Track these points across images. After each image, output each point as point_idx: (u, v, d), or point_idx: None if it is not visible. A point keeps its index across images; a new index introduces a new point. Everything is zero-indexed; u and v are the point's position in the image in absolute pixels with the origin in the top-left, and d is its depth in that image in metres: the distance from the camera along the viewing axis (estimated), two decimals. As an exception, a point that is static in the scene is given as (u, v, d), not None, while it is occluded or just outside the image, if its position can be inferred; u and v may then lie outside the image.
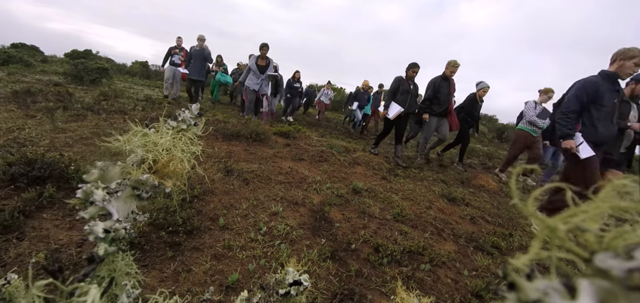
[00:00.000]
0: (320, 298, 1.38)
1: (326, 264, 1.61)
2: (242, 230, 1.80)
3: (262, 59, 5.58)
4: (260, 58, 5.58)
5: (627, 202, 0.23)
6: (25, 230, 1.45)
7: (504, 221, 2.79)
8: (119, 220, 0.55)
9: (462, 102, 5.00)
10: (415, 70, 4.27)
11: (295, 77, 7.80)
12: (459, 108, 4.96)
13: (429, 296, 1.19)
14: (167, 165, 0.64)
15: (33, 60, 10.19)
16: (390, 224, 2.23)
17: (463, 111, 4.87)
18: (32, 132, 2.78)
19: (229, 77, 8.29)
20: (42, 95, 4.46)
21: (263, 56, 5.54)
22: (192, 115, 0.72)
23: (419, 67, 4.24)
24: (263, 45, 5.45)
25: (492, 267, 1.93)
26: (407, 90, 4.25)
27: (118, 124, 3.58)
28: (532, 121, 4.18)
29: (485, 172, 5.07)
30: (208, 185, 2.26)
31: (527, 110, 4.27)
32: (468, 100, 4.90)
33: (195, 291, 1.29)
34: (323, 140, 5.23)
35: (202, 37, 6.33)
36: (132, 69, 15.58)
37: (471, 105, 4.85)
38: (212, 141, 3.55)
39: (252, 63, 5.49)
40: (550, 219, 0.24)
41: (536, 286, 0.21)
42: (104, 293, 0.54)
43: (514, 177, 0.26)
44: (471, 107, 4.84)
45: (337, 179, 3.06)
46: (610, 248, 0.22)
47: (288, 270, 0.73)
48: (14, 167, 1.79)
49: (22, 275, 0.61)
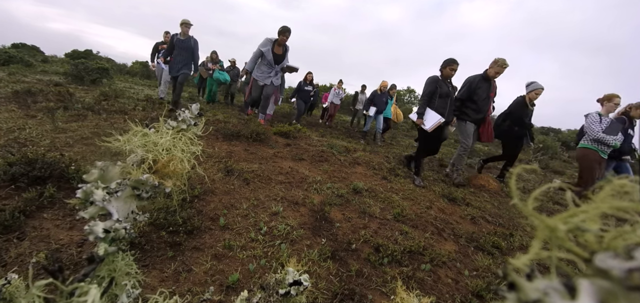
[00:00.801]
0: (320, 298, 1.38)
1: (326, 264, 1.61)
2: (243, 230, 1.80)
3: (279, 47, 4.38)
4: (276, 44, 4.35)
5: (626, 202, 0.23)
6: (25, 230, 1.45)
7: (505, 221, 2.79)
8: (119, 220, 0.55)
9: (509, 107, 4.03)
10: (453, 68, 3.37)
11: (307, 79, 6.97)
12: (505, 115, 4.03)
13: (429, 296, 1.19)
14: (167, 165, 0.64)
15: (33, 60, 10.21)
16: (391, 224, 2.23)
17: (509, 118, 3.94)
18: (33, 132, 2.79)
19: (227, 75, 7.62)
20: (43, 95, 4.46)
21: (281, 43, 4.35)
22: (192, 115, 0.72)
23: (458, 64, 3.37)
24: (284, 29, 4.24)
25: (493, 267, 1.93)
26: (446, 93, 3.35)
27: (118, 124, 3.59)
28: (599, 139, 3.24)
29: (485, 171, 5.07)
30: (208, 185, 2.27)
31: (590, 125, 3.33)
32: (516, 105, 3.91)
33: (196, 291, 1.29)
34: (323, 140, 5.23)
35: (186, 22, 4.96)
36: (133, 69, 15.61)
37: (520, 110, 3.85)
38: (212, 141, 3.55)
39: (267, 49, 4.27)
40: (550, 219, 0.24)
41: (536, 286, 0.21)
42: (104, 293, 0.54)
43: (513, 177, 0.26)
44: (520, 113, 3.85)
45: (338, 179, 3.06)
46: (610, 248, 0.22)
47: (288, 270, 0.73)
48: (15, 167, 1.79)
49: (22, 275, 0.61)
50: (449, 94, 3.39)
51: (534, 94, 3.80)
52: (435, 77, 3.42)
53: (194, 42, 5.05)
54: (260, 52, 4.29)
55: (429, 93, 3.38)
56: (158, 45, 6.22)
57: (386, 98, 6.60)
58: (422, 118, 3.40)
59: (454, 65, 3.36)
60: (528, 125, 3.94)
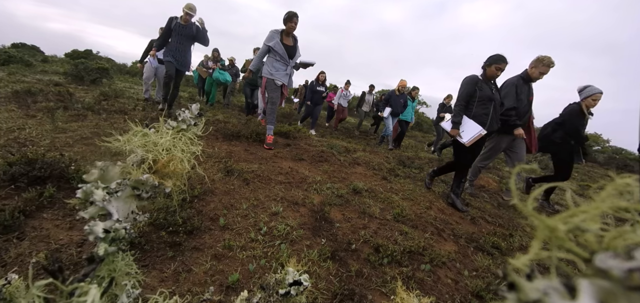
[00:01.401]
0: (320, 299, 1.38)
1: (326, 264, 1.61)
2: (243, 230, 1.80)
3: (288, 36, 3.61)
4: (284, 35, 3.58)
5: (627, 202, 0.23)
6: (25, 230, 1.45)
7: (504, 221, 2.79)
8: (119, 220, 0.55)
9: (561, 116, 3.44)
10: (500, 67, 2.73)
11: (320, 79, 6.34)
12: (556, 124, 3.44)
13: (429, 296, 1.19)
14: (167, 165, 0.64)
15: (33, 60, 10.21)
16: (391, 224, 2.23)
17: (562, 129, 3.36)
18: (33, 132, 2.79)
19: (228, 75, 7.15)
20: (43, 95, 4.46)
21: (290, 31, 3.58)
22: (192, 115, 0.72)
23: (507, 63, 2.74)
24: (291, 14, 3.50)
25: (493, 267, 1.93)
26: (488, 96, 2.74)
27: (118, 124, 3.59)
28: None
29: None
30: (208, 185, 2.27)
31: None
32: (570, 113, 3.33)
33: (196, 291, 1.29)
34: (323, 140, 5.23)
35: (191, 6, 4.11)
36: (133, 69, 15.60)
37: (575, 120, 3.28)
38: (212, 141, 3.55)
39: (275, 42, 3.52)
40: (550, 219, 0.24)
41: (536, 286, 0.21)
42: (104, 293, 0.54)
43: (513, 177, 0.26)
44: (576, 123, 3.27)
45: (338, 179, 3.06)
46: (610, 248, 0.22)
47: (288, 270, 0.73)
48: (15, 167, 1.79)
49: (22, 275, 0.61)
50: (493, 98, 2.74)
51: (591, 101, 3.21)
52: (475, 77, 2.79)
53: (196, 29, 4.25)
54: (266, 49, 3.57)
55: (466, 96, 2.76)
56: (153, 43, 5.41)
57: (404, 99, 6.07)
58: (458, 128, 2.76)
59: (502, 63, 2.72)
60: (584, 137, 3.35)
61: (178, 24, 4.15)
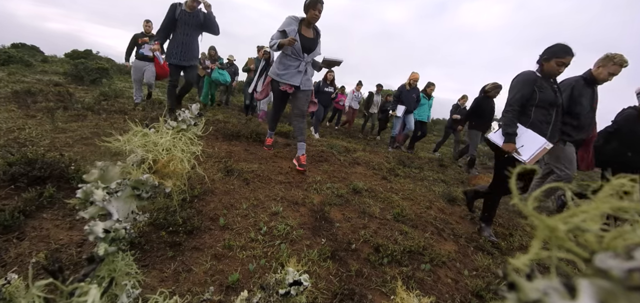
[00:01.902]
0: (320, 298, 1.38)
1: (326, 264, 1.61)
2: (243, 230, 1.80)
3: (309, 28, 2.93)
4: (304, 25, 2.90)
5: (627, 202, 0.23)
6: (25, 230, 1.45)
7: (504, 221, 2.79)
8: (119, 220, 0.55)
9: (616, 122, 2.93)
10: (564, 61, 2.03)
11: (327, 78, 5.79)
12: (609, 132, 2.94)
13: (429, 296, 1.19)
14: (167, 165, 0.64)
15: (33, 60, 10.20)
16: (391, 224, 2.23)
17: (617, 139, 2.86)
18: (33, 132, 2.78)
19: (227, 75, 6.79)
20: (43, 95, 4.46)
21: (313, 21, 2.87)
22: (192, 115, 0.72)
23: (573, 56, 2.03)
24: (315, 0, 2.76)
25: (493, 267, 1.93)
26: (550, 100, 2.08)
27: (118, 124, 3.58)
28: None
29: (485, 172, 5.07)
30: (208, 185, 2.27)
31: None
32: (626, 120, 2.87)
33: (196, 291, 1.29)
34: (323, 140, 5.23)
35: None
36: (133, 69, 15.55)
37: (633, 127, 2.82)
38: (212, 141, 3.55)
39: (292, 29, 2.80)
40: (550, 219, 0.24)
41: (536, 286, 0.21)
42: (104, 293, 0.54)
43: (513, 177, 0.26)
44: (634, 131, 2.81)
45: (338, 179, 3.06)
46: (610, 248, 0.22)
47: (288, 270, 0.73)
48: (15, 167, 1.79)
49: (22, 275, 0.61)
50: (555, 101, 2.09)
51: None
52: (532, 75, 2.11)
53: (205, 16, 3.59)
54: (278, 38, 2.81)
55: (520, 99, 2.08)
56: (137, 38, 4.92)
57: (417, 94, 5.30)
58: (514, 141, 2.05)
59: (566, 57, 2.01)
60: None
61: (183, 12, 3.50)
